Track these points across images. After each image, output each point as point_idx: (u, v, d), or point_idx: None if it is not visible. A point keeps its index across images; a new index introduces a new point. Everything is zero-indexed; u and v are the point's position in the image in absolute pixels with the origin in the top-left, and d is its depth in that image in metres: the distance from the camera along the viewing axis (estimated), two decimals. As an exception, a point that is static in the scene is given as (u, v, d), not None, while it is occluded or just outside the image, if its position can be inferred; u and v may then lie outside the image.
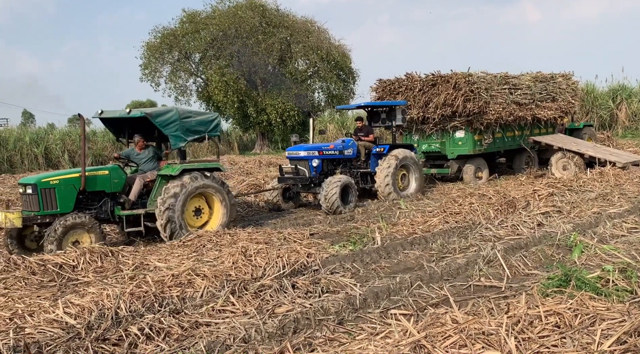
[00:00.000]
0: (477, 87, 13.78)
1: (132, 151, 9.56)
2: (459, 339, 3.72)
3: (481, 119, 14.07)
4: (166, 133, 9.00)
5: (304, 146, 12.38)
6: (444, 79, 14.17)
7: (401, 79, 15.00)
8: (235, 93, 29.57)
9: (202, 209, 9.28)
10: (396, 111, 12.99)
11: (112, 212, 8.79)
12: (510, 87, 14.84)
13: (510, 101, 14.64)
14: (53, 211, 8.16)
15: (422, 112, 14.49)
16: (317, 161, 11.81)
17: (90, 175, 8.55)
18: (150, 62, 31.24)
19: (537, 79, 15.87)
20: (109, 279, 6.45)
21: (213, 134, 9.68)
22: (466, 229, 8.53)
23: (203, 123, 9.46)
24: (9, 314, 5.25)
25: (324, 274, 6.42)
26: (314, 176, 11.76)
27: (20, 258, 6.93)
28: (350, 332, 4.57)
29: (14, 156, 26.22)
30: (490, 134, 14.77)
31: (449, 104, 14.00)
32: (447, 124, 14.47)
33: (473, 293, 5.61)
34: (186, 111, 9.47)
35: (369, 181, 12.60)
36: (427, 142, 15.10)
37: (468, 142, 14.46)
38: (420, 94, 14.49)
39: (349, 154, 12.52)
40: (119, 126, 9.92)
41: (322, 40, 31.10)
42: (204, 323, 5.03)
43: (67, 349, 4.40)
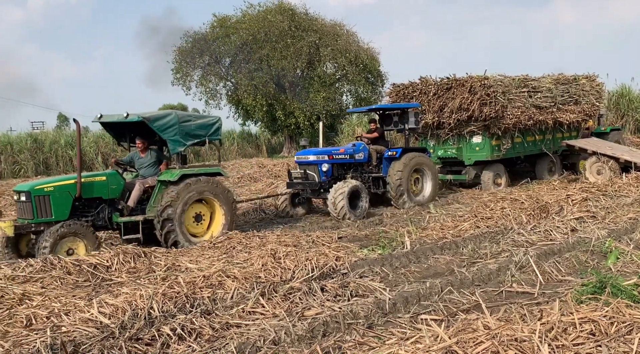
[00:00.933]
0: (493, 91, 13.39)
1: (135, 154, 9.42)
2: (491, 345, 3.68)
3: (498, 123, 13.69)
4: (164, 137, 8.81)
5: (313, 150, 12.16)
6: (459, 83, 13.83)
7: (415, 83, 14.72)
8: (264, 97, 29.81)
9: (202, 215, 9.10)
10: (409, 113, 12.70)
11: (110, 219, 8.60)
12: (529, 90, 14.39)
13: (530, 105, 14.20)
14: (48, 218, 7.97)
15: (437, 117, 14.16)
16: (326, 165, 11.57)
17: (87, 181, 8.37)
18: (182, 67, 31.69)
19: (558, 81, 15.36)
20: (142, 280, 6.57)
21: (214, 138, 9.44)
22: (498, 234, 8.42)
23: (203, 127, 9.23)
24: (46, 313, 5.40)
25: (353, 277, 6.42)
26: (323, 181, 11.51)
27: (57, 258, 7.09)
28: (380, 336, 4.56)
29: (50, 158, 26.95)
30: (508, 139, 14.35)
31: (465, 108, 13.63)
32: (464, 129, 14.07)
33: (505, 299, 5.53)
34: (185, 114, 9.29)
35: (381, 185, 12.28)
36: (443, 147, 14.73)
37: (485, 147, 14.06)
38: (435, 98, 14.17)
39: (360, 158, 12.23)
40: (120, 131, 9.74)
41: (351, 43, 31.11)
42: (235, 324, 5.08)
43: (102, 348, 4.49)
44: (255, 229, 9.69)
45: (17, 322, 5.25)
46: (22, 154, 26.72)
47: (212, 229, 9.11)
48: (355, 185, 11.06)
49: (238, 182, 18.37)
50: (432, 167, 12.77)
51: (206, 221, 9.14)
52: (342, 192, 10.77)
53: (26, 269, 6.75)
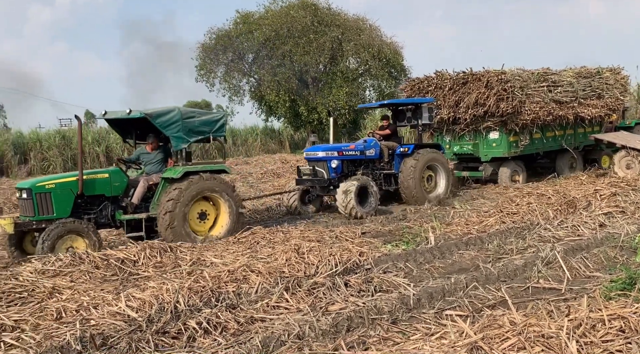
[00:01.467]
0: (510, 86, 13.00)
1: (142, 150, 9.34)
2: (518, 341, 3.64)
3: (516, 119, 13.28)
4: (167, 134, 8.67)
5: (322, 147, 11.96)
6: (475, 77, 13.47)
7: (431, 78, 14.43)
8: (286, 92, 29.89)
9: (207, 213, 8.92)
10: (422, 108, 12.39)
11: (113, 216, 8.56)
12: (549, 84, 13.93)
13: (549, 100, 13.77)
14: (49, 216, 7.92)
15: (452, 112, 13.80)
16: (336, 162, 11.35)
17: (89, 178, 8.31)
18: (206, 63, 31.93)
19: (580, 74, 14.86)
20: (168, 274, 6.65)
21: (218, 135, 9.28)
22: (524, 230, 8.31)
23: (207, 123, 9.09)
24: (75, 307, 5.50)
25: (377, 273, 6.40)
26: (333, 178, 11.27)
27: (85, 253, 7.23)
28: (404, 332, 4.54)
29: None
30: (526, 135, 13.91)
31: (481, 103, 13.25)
32: (480, 124, 13.71)
33: (531, 295, 5.47)
34: (189, 110, 9.13)
35: (393, 182, 12.05)
36: (459, 143, 14.39)
37: (502, 143, 13.68)
38: (451, 93, 13.82)
39: (370, 155, 11.98)
40: (125, 128, 9.65)
41: (374, 37, 30.96)
42: (259, 318, 5.12)
43: (130, 341, 4.57)
44: (279, 225, 9.74)
45: (48, 315, 5.37)
46: (50, 150, 27.32)
47: (217, 228, 8.94)
48: (364, 182, 10.86)
49: (261, 177, 18.48)
50: (446, 163, 12.50)
51: (211, 218, 8.98)
52: (350, 189, 10.56)
53: (56, 263, 6.89)
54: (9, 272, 6.64)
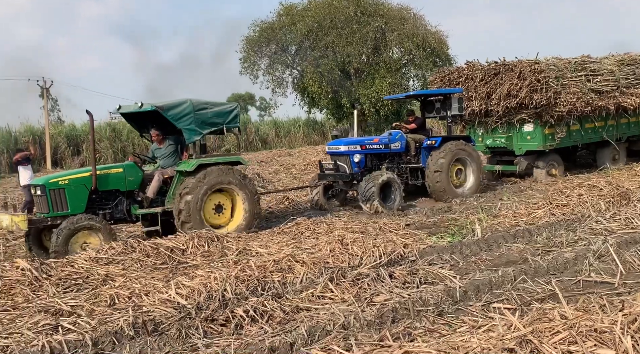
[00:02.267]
0: (544, 76, 12.38)
1: (153, 145, 9.31)
2: (569, 335, 3.55)
3: (551, 111, 12.63)
4: (179, 127, 8.57)
5: (344, 140, 11.61)
6: (507, 68, 12.91)
7: (461, 69, 14.02)
8: (329, 84, 29.86)
9: (223, 206, 8.82)
10: (451, 99, 11.94)
11: (128, 211, 8.51)
12: (587, 73, 13.24)
13: (588, 90, 13.05)
14: (63, 212, 7.89)
15: (484, 104, 13.23)
16: (358, 156, 11.02)
17: (102, 174, 8.26)
18: (249, 56, 32.22)
19: (622, 62, 14.05)
20: (215, 263, 6.80)
21: (232, 126, 9.13)
22: (574, 222, 8.08)
23: (220, 115, 8.94)
24: (128, 293, 5.70)
25: (422, 265, 6.36)
26: (355, 172, 10.97)
27: (136, 241, 7.46)
28: (450, 324, 4.51)
29: (127, 147, 28.34)
30: (563, 127, 13.21)
31: (514, 95, 12.67)
32: (513, 116, 13.09)
33: (582, 289, 5.32)
34: (202, 102, 8.93)
35: (420, 176, 11.66)
36: (492, 136, 13.79)
37: (537, 136, 13.02)
38: (482, 84, 13.27)
39: (396, 148, 11.61)
40: (141, 122, 9.55)
41: (418, 27, 30.51)
42: (304, 307, 5.17)
43: (180, 328, 4.70)
44: (322, 216, 9.78)
45: (102, 301, 5.59)
46: (102, 142, 28.24)
47: (234, 221, 8.82)
48: (388, 177, 10.54)
49: (304, 169, 18.57)
50: (476, 157, 12.01)
51: (227, 211, 8.87)
52: (373, 184, 10.28)
53: (109, 251, 7.14)
54: (65, 259, 6.92)
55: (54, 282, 6.18)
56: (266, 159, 23.50)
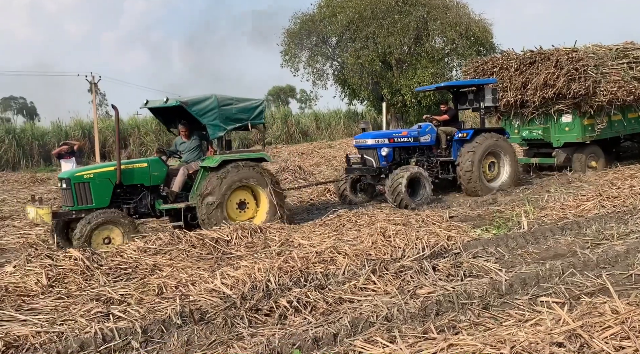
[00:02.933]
0: (583, 65, 11.92)
1: (179, 139, 9.28)
2: (621, 330, 3.46)
3: (590, 101, 12.13)
4: (204, 122, 8.51)
5: (372, 134, 11.34)
6: (544, 57, 12.44)
7: (495, 58, 13.60)
8: (370, 75, 29.66)
9: (247, 203, 8.75)
10: (485, 90, 11.56)
11: (152, 206, 8.48)
12: (630, 61, 12.62)
13: (630, 78, 12.44)
14: (88, 205, 7.90)
15: (520, 95, 12.82)
16: (386, 149, 10.77)
17: (127, 168, 8.25)
18: (290, 48, 32.33)
19: None
20: (259, 254, 6.89)
21: (257, 122, 9.02)
22: (625, 214, 7.81)
23: (245, 110, 8.83)
24: (175, 283, 5.85)
25: (466, 257, 6.28)
26: (383, 166, 10.72)
27: (183, 233, 7.63)
28: (496, 317, 4.44)
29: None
30: (603, 118, 12.65)
31: (551, 84, 12.21)
32: (550, 107, 12.63)
33: (635, 283, 5.14)
34: (226, 98, 8.80)
35: (451, 170, 11.35)
36: (529, 128, 13.34)
37: (576, 127, 12.56)
38: (517, 74, 12.87)
39: (425, 141, 11.29)
40: (168, 116, 9.54)
41: (461, 15, 29.92)
42: (347, 299, 5.19)
43: (225, 317, 4.80)
44: (363, 208, 9.76)
45: (150, 290, 5.75)
46: (147, 136, 28.94)
47: (258, 218, 8.72)
48: (415, 171, 10.29)
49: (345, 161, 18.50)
50: (510, 149, 11.63)
51: (251, 208, 8.80)
52: (400, 179, 10.04)
53: (156, 242, 7.33)
54: (115, 249, 7.15)
55: (105, 271, 6.40)
56: (307, 151, 23.57)
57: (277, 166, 16.69)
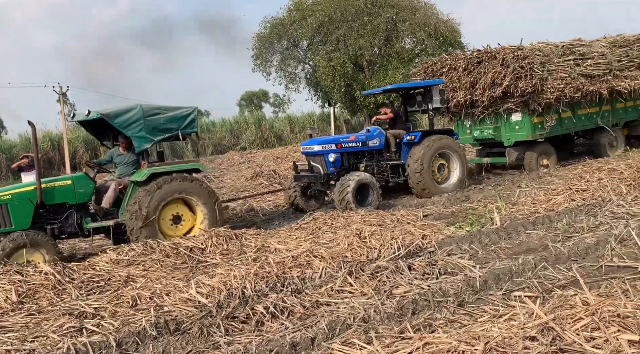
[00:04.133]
0: (528, 63, 11.84)
1: (115, 151, 8.90)
2: (591, 321, 3.52)
3: (538, 98, 12.07)
4: (128, 135, 8.15)
5: (318, 140, 10.99)
6: (490, 55, 12.35)
7: (444, 59, 13.49)
8: (342, 77, 29.79)
9: (182, 217, 8.33)
10: (433, 91, 11.49)
11: (80, 225, 8.02)
12: (576, 57, 12.62)
13: (577, 74, 12.45)
14: (7, 228, 7.47)
15: (469, 95, 12.71)
16: (333, 155, 10.50)
17: (48, 187, 7.82)
18: (261, 53, 32.28)
19: (614, 44, 13.38)
20: (235, 261, 6.85)
21: (189, 131, 8.60)
22: (595, 207, 7.97)
23: (175, 120, 8.42)
24: (149, 294, 5.77)
25: (441, 255, 6.34)
26: (332, 172, 10.47)
27: (156, 242, 7.54)
28: (471, 314, 4.48)
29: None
30: (553, 115, 12.63)
31: (498, 83, 12.12)
32: (500, 106, 12.56)
33: (605, 274, 5.24)
34: (153, 107, 8.43)
35: (401, 173, 11.24)
36: (480, 127, 13.25)
37: (526, 126, 12.49)
38: (466, 74, 12.74)
39: (374, 145, 11.10)
40: (100, 129, 9.15)
41: (430, 16, 30.27)
42: (324, 302, 5.19)
43: (201, 326, 4.74)
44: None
45: (124, 302, 5.66)
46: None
47: (195, 231, 8.30)
48: (363, 177, 10.02)
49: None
50: (460, 150, 11.58)
51: (187, 222, 8.37)
52: (347, 187, 9.79)
53: (129, 253, 7.23)
54: (87, 262, 7.02)
55: (77, 285, 6.28)
56: (282, 155, 23.50)
57: (251, 171, 16.63)
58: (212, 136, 30.21)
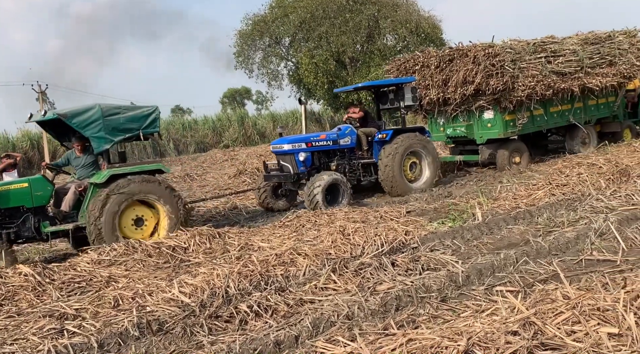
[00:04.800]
0: (499, 60, 11.69)
1: (71, 154, 8.66)
2: (572, 315, 3.56)
3: (509, 96, 11.96)
4: (87, 135, 7.93)
5: (288, 138, 10.76)
6: (462, 53, 12.20)
7: (416, 56, 13.22)
8: (325, 74, 29.82)
9: (144, 219, 8.12)
10: (404, 89, 11.31)
11: (37, 228, 7.81)
12: (547, 55, 12.51)
13: (548, 72, 12.36)
14: None
15: (441, 92, 12.59)
16: (304, 154, 10.30)
17: (3, 190, 7.63)
18: (243, 50, 32.16)
19: (586, 41, 13.28)
20: (218, 260, 6.80)
21: (150, 131, 8.39)
22: (575, 201, 8.06)
23: (135, 119, 8.24)
24: (131, 294, 5.71)
25: (424, 251, 6.37)
26: (302, 172, 10.26)
27: (138, 242, 7.46)
28: (454, 309, 4.51)
29: (125, 146, 28.24)
30: (524, 113, 12.57)
31: (470, 81, 11.98)
32: (472, 104, 12.41)
33: (585, 268, 5.31)
34: (113, 107, 8.23)
35: (373, 172, 11.06)
36: (452, 125, 13.12)
37: (497, 123, 12.37)
38: (438, 72, 12.59)
39: (345, 144, 10.90)
40: (59, 129, 8.92)
41: (411, 12, 30.47)
42: (308, 300, 5.18)
43: (184, 326, 4.71)
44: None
45: (106, 303, 5.59)
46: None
47: (159, 234, 8.10)
48: (333, 178, 9.81)
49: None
50: (432, 149, 11.48)
51: (150, 224, 8.17)
52: (317, 187, 9.62)
53: (110, 253, 7.15)
54: (68, 263, 6.93)
55: (57, 286, 6.19)
56: (265, 153, 23.42)
57: (235, 169, 16.56)
58: (194, 134, 30.03)
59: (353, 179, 10.77)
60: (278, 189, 10.88)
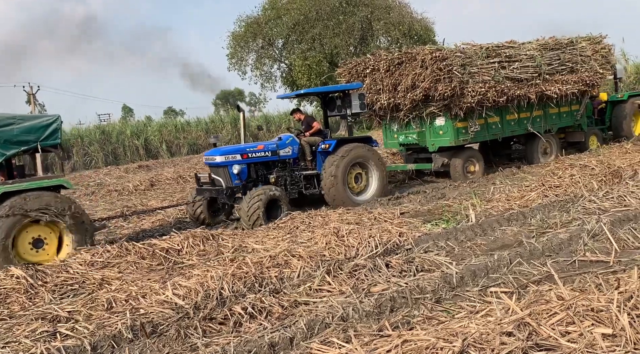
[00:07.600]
0: (447, 64, 11.20)
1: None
2: (566, 316, 3.57)
3: (459, 102, 11.47)
4: None
5: (221, 150, 9.95)
6: (411, 57, 11.71)
7: (367, 59, 12.70)
8: (318, 76, 29.84)
9: (44, 240, 7.37)
10: (351, 96, 10.65)
11: None
12: (502, 60, 12.03)
13: (502, 78, 11.91)
14: None
15: (392, 97, 12.08)
16: (238, 166, 9.60)
17: None
18: (237, 51, 32.13)
19: (546, 47, 12.88)
20: (212, 262, 6.77)
21: (49, 144, 7.76)
22: (567, 203, 8.11)
23: (32, 130, 7.59)
24: (125, 296, 5.67)
25: (418, 253, 6.38)
26: (237, 185, 9.57)
27: (131, 244, 7.42)
28: (448, 310, 4.52)
29: (118, 149, 28.17)
30: (476, 120, 12.06)
31: (418, 86, 11.53)
32: (423, 110, 11.93)
33: (578, 269, 5.34)
34: (6, 117, 7.59)
35: (317, 184, 10.33)
36: (405, 132, 12.60)
37: (449, 131, 11.87)
38: (387, 76, 12.08)
39: (286, 155, 10.18)
40: None
41: (404, 15, 30.57)
42: (303, 302, 5.17)
43: (178, 328, 4.69)
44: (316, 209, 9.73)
45: (99, 305, 5.55)
46: (92, 146, 28.07)
47: (61, 255, 7.40)
48: (271, 195, 9.20)
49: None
50: (379, 159, 10.78)
51: (51, 244, 7.43)
52: (256, 203, 9.02)
53: (104, 255, 7.11)
54: (60, 265, 6.87)
55: (50, 288, 6.15)
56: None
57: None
58: (187, 136, 29.95)
59: (295, 192, 10.18)
60: (214, 202, 10.07)
